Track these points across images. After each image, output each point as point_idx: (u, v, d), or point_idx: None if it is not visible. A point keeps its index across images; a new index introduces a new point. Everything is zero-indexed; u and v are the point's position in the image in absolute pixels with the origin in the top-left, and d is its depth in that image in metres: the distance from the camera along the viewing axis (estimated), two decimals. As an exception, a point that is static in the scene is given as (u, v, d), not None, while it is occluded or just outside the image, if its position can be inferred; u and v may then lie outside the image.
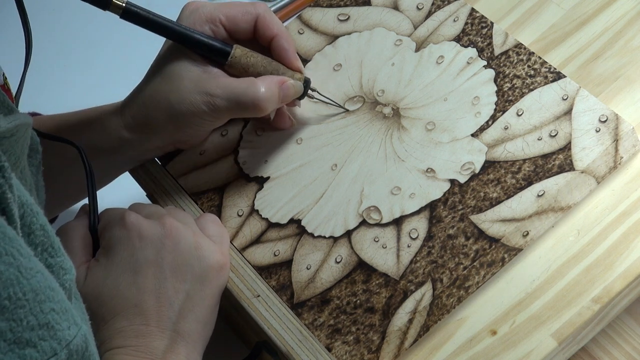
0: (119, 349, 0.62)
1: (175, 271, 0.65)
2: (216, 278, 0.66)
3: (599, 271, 0.62)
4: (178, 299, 0.64)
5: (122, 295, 0.63)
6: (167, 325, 0.63)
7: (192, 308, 0.65)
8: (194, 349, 0.65)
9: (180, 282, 0.65)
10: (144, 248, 0.65)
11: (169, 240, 0.66)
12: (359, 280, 0.65)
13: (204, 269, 0.66)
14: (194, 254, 0.66)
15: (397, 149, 0.71)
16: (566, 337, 0.61)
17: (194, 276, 0.65)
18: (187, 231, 0.67)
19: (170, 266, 0.65)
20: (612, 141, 0.65)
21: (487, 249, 0.64)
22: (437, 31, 0.76)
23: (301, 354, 0.64)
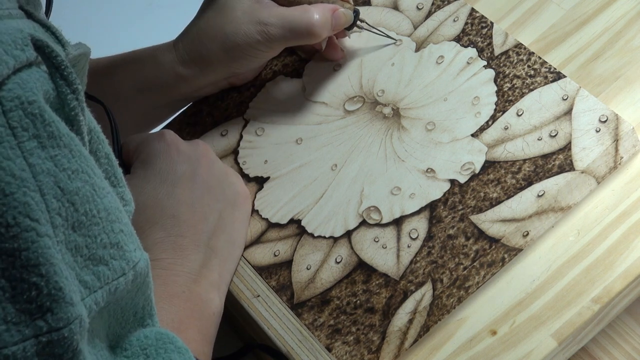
0: (156, 261, 0.63)
1: (209, 189, 0.66)
2: (244, 204, 0.69)
3: (599, 271, 0.62)
4: (212, 216, 0.66)
5: (160, 205, 0.64)
6: (202, 239, 0.65)
7: (223, 227, 0.66)
8: (225, 267, 0.66)
9: (214, 200, 0.66)
10: (182, 162, 0.66)
11: (204, 160, 0.68)
12: (359, 281, 0.65)
13: (233, 193, 0.68)
14: (225, 179, 0.68)
15: (397, 149, 0.71)
16: (566, 337, 0.61)
17: (225, 198, 0.67)
18: (218, 158, 0.69)
19: (205, 183, 0.66)
20: (612, 141, 0.65)
21: (487, 249, 0.64)
22: (437, 31, 0.76)
23: (301, 354, 0.64)
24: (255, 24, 0.71)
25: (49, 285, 0.40)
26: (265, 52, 0.73)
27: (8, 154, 0.39)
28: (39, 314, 0.39)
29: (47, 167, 0.41)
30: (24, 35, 0.42)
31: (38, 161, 0.40)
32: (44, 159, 0.41)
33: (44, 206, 0.40)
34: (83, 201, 0.42)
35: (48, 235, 0.40)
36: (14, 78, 0.41)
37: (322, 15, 0.71)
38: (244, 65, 0.74)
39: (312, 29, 0.70)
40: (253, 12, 0.71)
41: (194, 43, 0.73)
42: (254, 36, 0.71)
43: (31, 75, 0.42)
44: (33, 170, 0.40)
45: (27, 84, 0.41)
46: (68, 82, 0.43)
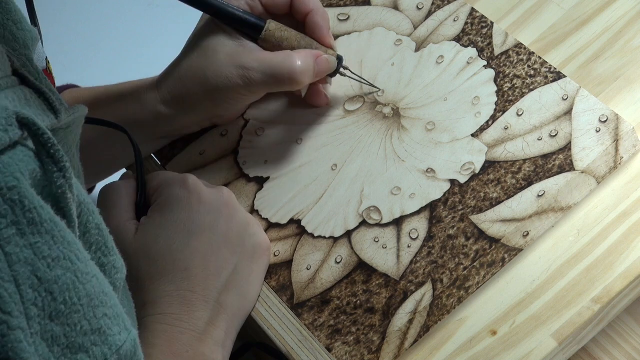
0: (162, 315, 0.62)
1: (227, 242, 0.65)
2: (263, 257, 0.67)
3: (599, 271, 0.62)
4: (226, 270, 0.65)
5: (173, 257, 0.63)
6: (212, 295, 0.63)
7: (237, 282, 0.65)
8: (232, 324, 0.65)
9: (231, 253, 0.65)
10: (202, 212, 0.65)
11: (226, 210, 0.66)
12: (359, 281, 0.65)
13: (254, 245, 0.67)
14: (246, 230, 0.67)
15: (397, 149, 0.71)
16: (566, 337, 0.61)
17: (244, 251, 0.66)
18: (241, 207, 0.68)
19: (224, 236, 0.65)
20: (612, 141, 0.65)
21: (487, 249, 0.64)
22: (437, 31, 0.76)
23: (301, 354, 0.64)
24: (237, 67, 0.69)
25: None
26: (246, 97, 0.72)
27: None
28: None
29: (24, 256, 0.40)
30: (8, 114, 0.41)
31: (15, 250, 0.39)
32: (22, 247, 0.40)
33: (18, 297, 0.39)
34: (62, 289, 0.41)
35: (21, 328, 0.39)
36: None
37: (304, 62, 0.69)
38: (224, 109, 0.73)
39: (293, 75, 0.69)
40: (235, 56, 0.70)
41: (176, 84, 0.72)
42: (235, 80, 0.69)
43: (14, 157, 0.41)
44: (9, 260, 0.39)
45: (9, 168, 0.40)
46: (55, 160, 0.42)
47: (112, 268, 0.47)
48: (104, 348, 0.43)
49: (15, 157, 0.41)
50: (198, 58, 0.71)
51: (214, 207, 0.66)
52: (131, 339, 0.45)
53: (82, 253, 0.43)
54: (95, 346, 0.43)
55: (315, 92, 0.74)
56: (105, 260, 0.47)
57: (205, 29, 0.72)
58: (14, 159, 0.41)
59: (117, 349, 0.44)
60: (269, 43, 0.71)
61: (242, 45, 0.70)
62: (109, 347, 0.43)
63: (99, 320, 0.43)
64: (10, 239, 0.39)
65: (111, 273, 0.47)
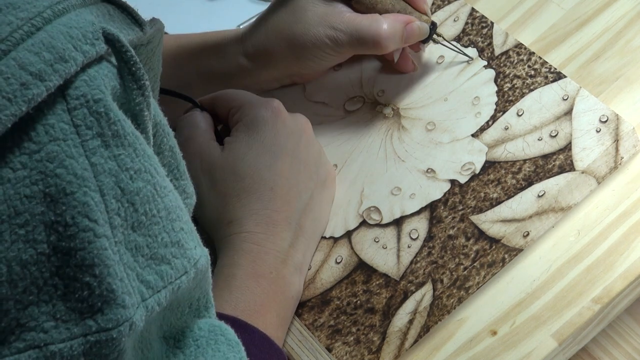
0: (249, 234, 0.63)
1: (306, 167, 0.67)
2: (331, 186, 0.69)
3: (600, 271, 0.62)
4: (306, 194, 0.66)
5: (260, 176, 0.65)
6: (294, 217, 0.65)
7: (313, 206, 0.67)
8: (309, 247, 0.67)
9: (308, 178, 0.67)
10: (285, 135, 0.67)
11: (305, 137, 0.68)
12: (359, 281, 0.65)
13: (325, 173, 0.69)
14: (320, 158, 0.69)
15: (397, 149, 0.71)
16: (566, 337, 0.61)
17: (318, 178, 0.68)
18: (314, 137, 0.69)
19: (304, 161, 0.67)
20: (612, 141, 0.65)
21: (487, 249, 0.64)
22: (437, 31, 0.76)
23: (301, 354, 0.64)
24: (325, 27, 0.70)
25: (101, 286, 0.40)
26: (332, 57, 0.72)
27: (71, 152, 0.40)
28: (89, 313, 0.40)
29: (109, 167, 0.41)
30: (95, 29, 0.42)
31: (100, 160, 0.40)
32: (107, 158, 0.41)
33: (103, 207, 0.40)
34: (143, 201, 0.42)
35: (105, 236, 0.40)
36: (82, 75, 0.41)
37: (391, 27, 0.69)
38: (307, 67, 0.73)
39: (378, 40, 0.69)
40: (324, 16, 0.70)
41: (261, 38, 0.73)
42: (323, 40, 0.70)
43: (99, 71, 0.41)
44: (95, 170, 0.40)
45: (95, 81, 0.41)
46: (135, 78, 0.43)
47: (183, 192, 0.48)
48: (183, 261, 0.44)
49: (101, 71, 0.42)
50: (286, 14, 0.72)
51: (296, 131, 0.67)
52: (205, 255, 0.46)
53: (160, 167, 0.44)
54: (176, 258, 0.43)
55: (403, 58, 0.74)
56: (177, 184, 0.48)
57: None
58: (100, 73, 0.41)
59: (194, 262, 0.45)
60: (362, 5, 0.71)
61: (332, 6, 0.71)
62: (188, 260, 0.44)
63: (177, 234, 0.44)
64: (95, 150, 0.40)
65: (182, 197, 0.48)
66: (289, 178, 0.65)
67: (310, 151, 0.68)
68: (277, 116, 0.67)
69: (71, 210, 0.39)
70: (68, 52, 0.40)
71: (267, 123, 0.66)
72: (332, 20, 0.70)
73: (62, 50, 0.40)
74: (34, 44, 0.40)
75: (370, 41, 0.69)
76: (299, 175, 0.66)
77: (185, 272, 0.44)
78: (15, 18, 0.40)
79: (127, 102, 0.43)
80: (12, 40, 0.39)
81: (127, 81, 0.43)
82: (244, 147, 0.66)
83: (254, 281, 0.62)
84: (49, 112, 0.40)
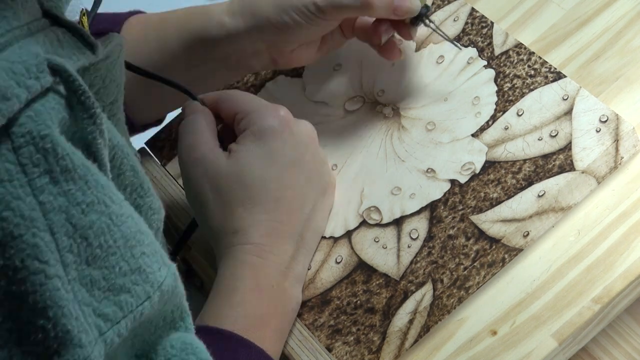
0: (252, 245, 0.63)
1: (311, 177, 0.67)
2: (331, 195, 0.69)
3: (600, 271, 0.62)
4: (308, 205, 0.66)
5: (267, 187, 0.64)
6: (296, 229, 0.65)
7: (314, 217, 0.67)
8: (308, 258, 0.66)
9: (311, 189, 0.66)
10: (292, 145, 0.66)
11: (311, 145, 0.67)
12: (359, 281, 0.65)
13: (326, 183, 0.68)
14: (323, 168, 0.68)
15: (397, 149, 0.71)
16: (566, 337, 0.61)
17: (320, 187, 0.67)
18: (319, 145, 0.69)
19: (308, 171, 0.66)
20: (612, 141, 0.65)
21: (487, 249, 0.64)
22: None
23: (301, 354, 0.64)
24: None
25: (56, 328, 0.39)
26: (318, 20, 0.68)
27: (18, 193, 0.39)
28: (46, 357, 0.39)
29: (58, 204, 0.40)
30: (39, 61, 0.41)
31: (49, 198, 0.40)
32: (56, 195, 0.40)
33: (54, 245, 0.39)
34: (97, 234, 0.41)
35: (58, 275, 0.39)
36: (27, 111, 0.40)
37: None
38: (290, 34, 0.70)
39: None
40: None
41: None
42: None
43: (45, 104, 0.41)
44: (43, 209, 0.39)
45: (40, 116, 0.40)
46: (85, 107, 0.42)
47: (149, 209, 0.48)
48: (145, 286, 0.43)
49: (47, 104, 0.41)
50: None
51: (302, 141, 0.67)
52: (171, 273, 0.45)
53: (115, 195, 0.43)
54: (137, 285, 0.43)
55: (389, 45, 0.72)
56: (141, 202, 0.47)
57: None
58: (46, 107, 0.40)
59: (158, 285, 0.44)
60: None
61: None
62: (151, 285, 0.44)
63: (137, 260, 0.43)
64: (43, 188, 0.39)
65: (147, 214, 0.48)
66: (294, 189, 0.65)
67: (315, 161, 0.68)
68: (285, 126, 0.66)
69: (20, 253, 0.38)
70: (10, 89, 0.39)
71: (276, 133, 0.66)
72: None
73: (4, 88, 0.39)
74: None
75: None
76: (303, 186, 0.66)
77: (148, 297, 0.43)
78: None
79: (78, 131, 0.42)
80: None
81: (76, 110, 0.42)
82: (251, 157, 0.65)
83: (255, 295, 0.62)
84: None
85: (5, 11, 0.42)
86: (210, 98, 0.69)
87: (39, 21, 0.45)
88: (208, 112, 0.68)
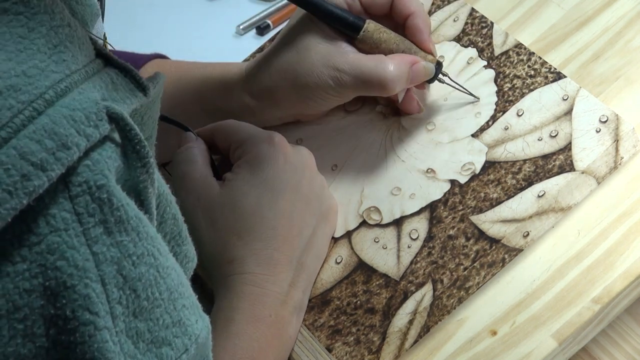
0: (249, 275, 0.62)
1: (308, 203, 0.66)
2: (332, 220, 0.68)
3: (600, 271, 0.62)
4: (307, 231, 0.65)
5: (262, 215, 0.64)
6: (295, 255, 0.64)
7: (314, 243, 0.66)
8: (309, 284, 0.66)
9: (310, 215, 0.66)
10: (288, 172, 0.65)
11: (308, 171, 0.67)
12: (359, 281, 0.65)
13: (327, 208, 0.68)
14: (322, 192, 0.68)
15: (397, 149, 0.71)
16: (566, 337, 0.61)
17: (320, 213, 0.67)
18: (317, 170, 0.68)
19: (305, 197, 0.66)
20: (612, 141, 0.65)
21: (487, 249, 0.64)
22: (437, 31, 0.76)
23: (301, 354, 0.64)
24: (328, 68, 0.68)
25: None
26: (335, 98, 0.70)
27: (72, 242, 0.39)
28: None
29: (111, 255, 0.40)
30: (99, 109, 0.41)
31: (102, 249, 0.40)
32: (109, 245, 0.40)
33: (104, 297, 0.39)
34: (145, 286, 0.41)
35: (107, 327, 0.39)
36: (85, 160, 0.40)
37: (397, 68, 0.68)
38: (311, 107, 0.72)
39: (384, 82, 0.67)
40: (328, 56, 0.69)
41: (264, 77, 0.71)
42: (326, 80, 0.68)
43: (103, 153, 0.41)
44: (96, 260, 0.39)
45: (98, 166, 0.40)
46: (140, 156, 0.42)
47: (185, 257, 0.47)
48: (184, 339, 0.43)
49: (104, 153, 0.41)
50: (290, 54, 0.70)
51: (298, 167, 0.66)
52: (206, 326, 0.46)
53: (163, 247, 0.43)
54: (177, 338, 0.43)
55: (408, 98, 0.72)
56: (178, 250, 0.47)
57: (300, 26, 0.71)
58: (103, 156, 0.40)
59: (196, 338, 0.44)
60: (367, 44, 0.69)
61: (336, 46, 0.69)
62: (189, 337, 0.44)
63: (178, 312, 0.43)
64: (97, 238, 0.39)
65: (183, 262, 0.47)
66: (291, 216, 0.64)
67: (313, 186, 0.67)
68: (279, 152, 0.66)
69: (71, 303, 0.38)
70: (71, 138, 0.39)
71: (270, 160, 0.65)
72: (336, 61, 0.68)
73: (65, 136, 0.39)
74: (36, 130, 0.38)
75: (375, 83, 0.68)
76: (301, 212, 0.65)
77: (185, 349, 0.43)
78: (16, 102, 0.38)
79: (130, 179, 0.42)
80: (12, 126, 0.38)
81: (131, 159, 0.42)
82: (245, 185, 0.64)
83: (252, 326, 0.61)
84: (50, 201, 0.39)
85: (64, 54, 0.42)
86: (206, 130, 0.69)
87: (94, 63, 0.44)
88: (202, 142, 0.68)
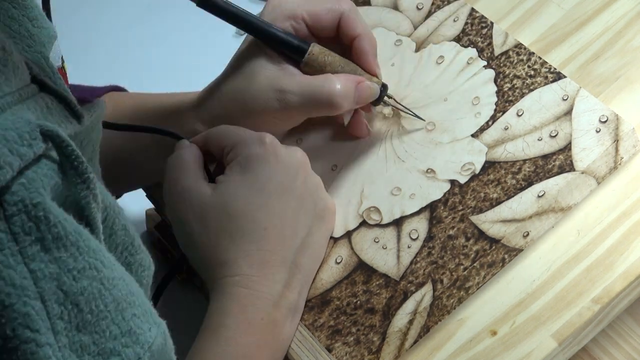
0: (241, 277, 0.62)
1: (302, 203, 0.65)
2: (330, 221, 0.68)
3: (599, 271, 0.62)
4: (302, 231, 0.65)
5: (253, 216, 0.63)
6: (289, 256, 0.64)
7: (310, 244, 0.66)
8: (305, 285, 0.66)
9: (305, 215, 0.65)
10: (280, 172, 0.65)
11: (302, 171, 0.66)
12: (359, 281, 0.66)
13: (322, 208, 0.67)
14: (317, 193, 0.67)
15: (397, 149, 0.71)
16: (566, 337, 0.61)
17: (315, 213, 0.66)
18: (312, 171, 0.68)
19: (299, 197, 0.65)
20: (612, 141, 0.65)
21: (487, 249, 0.64)
22: (437, 31, 0.76)
23: (301, 354, 0.64)
24: (275, 91, 0.68)
25: None
26: (284, 121, 0.70)
27: (9, 261, 0.39)
28: None
29: (49, 272, 0.40)
30: (32, 128, 0.41)
31: (40, 266, 0.39)
32: (47, 262, 0.40)
33: (44, 314, 0.39)
34: (89, 299, 0.41)
35: (49, 343, 0.39)
36: (19, 179, 0.39)
37: (344, 86, 0.68)
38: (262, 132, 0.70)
39: (332, 99, 0.67)
40: (275, 80, 0.69)
41: (215, 105, 0.71)
42: (273, 104, 0.68)
43: (38, 171, 0.40)
44: (34, 277, 0.39)
45: (33, 184, 0.40)
46: (79, 172, 0.42)
47: (139, 266, 0.47)
48: (135, 348, 0.43)
49: (40, 171, 0.41)
50: (237, 80, 0.70)
51: (291, 167, 0.66)
52: (161, 332, 0.45)
53: (107, 259, 0.43)
54: (127, 347, 0.43)
55: (356, 122, 0.72)
56: (132, 259, 0.47)
57: (248, 51, 0.71)
58: (38, 174, 0.40)
59: (149, 346, 0.44)
60: (312, 67, 0.69)
61: (282, 69, 0.69)
62: (141, 346, 0.43)
63: (128, 322, 0.43)
64: (34, 256, 0.39)
65: (138, 271, 0.47)
66: (283, 216, 0.64)
67: (307, 186, 0.66)
68: (270, 153, 0.65)
69: (11, 322, 0.38)
70: (4, 157, 0.39)
71: (262, 161, 0.65)
72: (282, 83, 0.68)
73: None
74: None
75: (325, 101, 0.68)
76: (294, 212, 0.65)
77: (138, 358, 0.43)
78: None
79: (71, 195, 0.42)
80: None
81: (70, 176, 0.42)
82: (236, 187, 0.64)
83: (244, 331, 0.61)
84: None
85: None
86: (199, 138, 0.69)
87: (29, 87, 0.45)
88: (194, 147, 0.68)
